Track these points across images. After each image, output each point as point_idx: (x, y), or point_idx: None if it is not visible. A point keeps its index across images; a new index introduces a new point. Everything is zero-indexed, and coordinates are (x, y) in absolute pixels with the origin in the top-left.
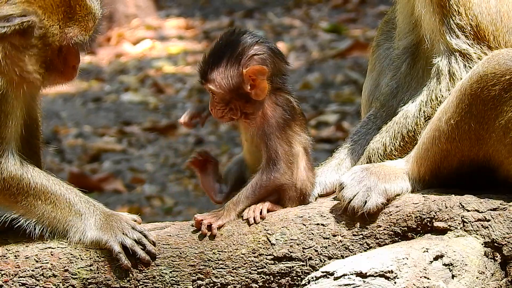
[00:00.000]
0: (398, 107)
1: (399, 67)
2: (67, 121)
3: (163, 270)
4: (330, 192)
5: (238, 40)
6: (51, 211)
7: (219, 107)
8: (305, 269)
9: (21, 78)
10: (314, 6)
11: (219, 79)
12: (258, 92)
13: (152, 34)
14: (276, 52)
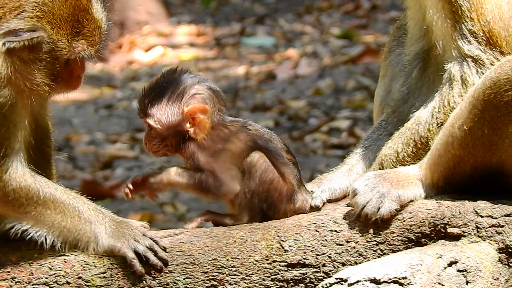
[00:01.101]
0: (409, 112)
1: (410, 73)
2: (79, 128)
3: (177, 277)
4: (339, 197)
5: (179, 79)
6: (61, 220)
7: (155, 143)
8: (318, 275)
9: (30, 90)
10: (325, 12)
11: (158, 115)
12: (197, 131)
13: (164, 41)
14: (215, 91)
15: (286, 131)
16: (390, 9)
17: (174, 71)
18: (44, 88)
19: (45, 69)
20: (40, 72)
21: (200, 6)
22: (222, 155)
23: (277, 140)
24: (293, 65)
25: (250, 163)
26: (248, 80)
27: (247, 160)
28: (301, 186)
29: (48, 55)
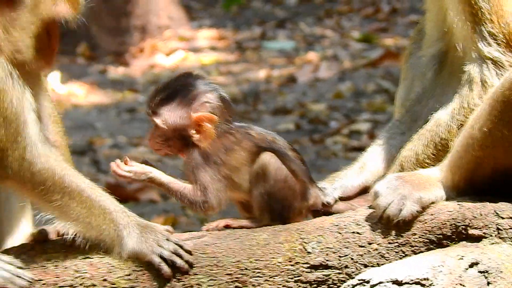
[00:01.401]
0: (423, 112)
1: (425, 74)
2: (102, 132)
3: (201, 279)
4: (351, 195)
5: (193, 84)
6: (86, 215)
7: (158, 141)
8: (341, 277)
9: (15, 58)
10: (346, 16)
11: (166, 115)
12: (201, 139)
13: (185, 45)
14: (225, 102)
15: (307, 134)
16: (410, 12)
17: (189, 75)
18: (26, 55)
19: (27, 30)
20: (22, 33)
21: (221, 10)
22: (221, 169)
23: (281, 141)
24: (313, 68)
25: (262, 164)
26: (269, 83)
27: (258, 162)
28: (312, 183)
29: (30, 11)
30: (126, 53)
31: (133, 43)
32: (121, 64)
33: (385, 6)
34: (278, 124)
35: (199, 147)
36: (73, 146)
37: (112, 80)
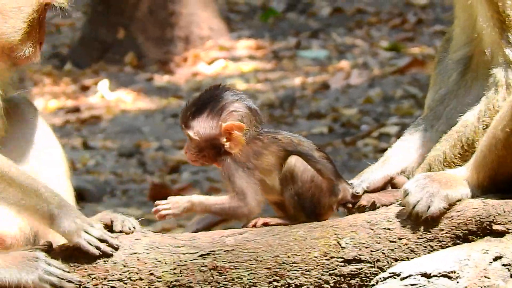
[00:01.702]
0: (444, 112)
1: (450, 76)
2: (148, 135)
3: (242, 272)
4: (377, 186)
5: (221, 96)
6: (21, 198)
7: (193, 152)
8: (373, 270)
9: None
10: (375, 26)
11: (198, 127)
12: (233, 146)
13: (225, 55)
14: (253, 110)
15: (339, 137)
16: (434, 23)
17: (217, 87)
18: (15, 39)
19: (20, 11)
20: (17, 15)
21: (258, 22)
22: (254, 173)
23: (306, 142)
24: (345, 75)
25: (289, 167)
26: (304, 90)
27: (286, 166)
28: (339, 178)
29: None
30: (171, 62)
31: (177, 52)
32: (166, 72)
33: (412, 17)
34: (312, 128)
35: (231, 154)
36: (121, 149)
37: (158, 87)
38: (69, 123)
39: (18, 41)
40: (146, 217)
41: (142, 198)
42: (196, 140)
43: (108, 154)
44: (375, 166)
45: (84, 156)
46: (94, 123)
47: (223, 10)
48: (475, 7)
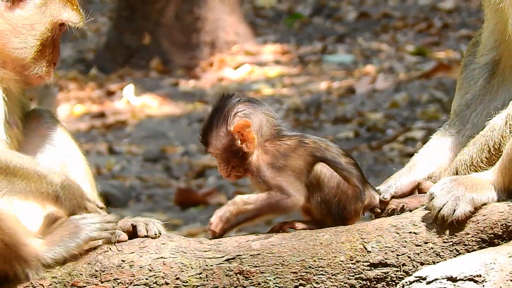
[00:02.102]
0: (471, 117)
1: (477, 81)
2: (174, 140)
3: (268, 277)
4: (405, 191)
5: (225, 104)
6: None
7: (223, 167)
8: (399, 274)
9: (12, 54)
10: (400, 31)
11: (213, 141)
12: (248, 145)
13: (251, 59)
14: (258, 106)
15: (365, 141)
16: (460, 27)
17: (221, 98)
18: (26, 56)
19: (33, 28)
20: (28, 31)
21: (284, 27)
22: (285, 170)
23: (334, 147)
24: (371, 80)
25: (315, 175)
26: (330, 94)
27: (312, 173)
28: (366, 184)
29: (39, 9)
30: (196, 67)
31: (202, 57)
32: (191, 77)
33: (437, 21)
34: (338, 132)
35: (258, 157)
36: (147, 154)
37: (183, 92)
38: (95, 128)
39: (30, 59)
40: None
41: (167, 203)
42: (218, 154)
43: (133, 159)
44: (402, 172)
45: (110, 161)
46: (119, 128)
47: (249, 15)
48: (507, 10)
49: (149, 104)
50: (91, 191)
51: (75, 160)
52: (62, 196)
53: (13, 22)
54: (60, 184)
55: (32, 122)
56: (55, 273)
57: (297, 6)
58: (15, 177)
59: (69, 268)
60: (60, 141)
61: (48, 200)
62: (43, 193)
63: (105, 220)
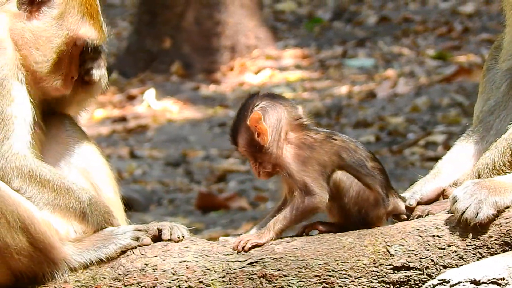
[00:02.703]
0: (495, 123)
1: (499, 87)
2: (195, 144)
3: (291, 280)
4: (430, 197)
5: (247, 101)
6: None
7: (253, 165)
8: (422, 277)
9: (31, 66)
10: (421, 35)
11: (238, 139)
12: (262, 137)
13: (272, 64)
14: (275, 98)
15: (386, 145)
16: (481, 31)
17: (247, 97)
18: (43, 68)
19: (49, 41)
20: (45, 45)
21: (305, 31)
22: (311, 163)
23: (362, 149)
24: (392, 84)
25: (335, 183)
26: (351, 98)
27: (332, 181)
28: (390, 190)
29: (57, 20)
30: (217, 71)
31: (223, 62)
32: (212, 81)
33: (458, 25)
34: (359, 136)
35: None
36: (168, 158)
37: (204, 96)
38: (116, 132)
39: (47, 71)
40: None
41: (189, 207)
42: (245, 151)
43: (154, 163)
44: (427, 178)
45: (131, 165)
46: (140, 132)
47: (269, 19)
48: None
49: (170, 109)
50: (115, 196)
51: (97, 165)
52: (89, 213)
53: (33, 33)
54: (88, 201)
55: (53, 128)
56: (79, 277)
57: (317, 11)
58: (44, 188)
59: (92, 271)
60: (82, 146)
61: (75, 216)
62: (70, 208)
63: (137, 229)
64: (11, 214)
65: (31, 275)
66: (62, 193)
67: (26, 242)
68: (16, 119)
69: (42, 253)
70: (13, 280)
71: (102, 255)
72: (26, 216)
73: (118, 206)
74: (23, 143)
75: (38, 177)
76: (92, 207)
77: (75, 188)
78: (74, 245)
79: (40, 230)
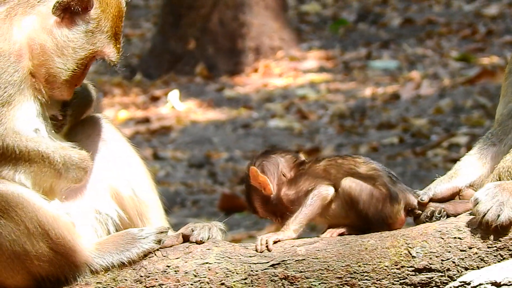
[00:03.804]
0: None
1: None
2: (219, 146)
3: (313, 282)
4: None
5: (246, 170)
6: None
7: (276, 222)
8: (443, 279)
9: (45, 72)
10: (445, 37)
11: (254, 204)
12: (267, 188)
13: (296, 65)
14: (268, 151)
15: (409, 147)
16: (505, 33)
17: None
18: (61, 77)
19: (74, 51)
20: (68, 52)
21: (329, 33)
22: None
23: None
24: (415, 86)
25: (345, 192)
26: (374, 100)
27: (341, 191)
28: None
29: (86, 35)
30: (241, 72)
31: (247, 63)
32: (236, 83)
33: (482, 27)
34: (383, 138)
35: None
36: (191, 160)
37: (228, 98)
38: (139, 133)
39: (63, 80)
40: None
41: (212, 208)
42: (263, 212)
43: (178, 165)
44: (443, 178)
45: (155, 166)
46: (164, 133)
47: (293, 21)
48: None
49: (194, 110)
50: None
51: (134, 164)
52: (64, 173)
53: (58, 40)
54: (62, 162)
55: (89, 129)
56: (100, 278)
57: (342, 12)
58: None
59: (113, 273)
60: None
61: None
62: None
63: (159, 231)
64: (30, 220)
65: (53, 279)
66: (36, 161)
67: (46, 248)
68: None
69: (63, 257)
70: (35, 284)
71: (125, 258)
72: (46, 221)
73: (156, 204)
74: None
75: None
76: (67, 165)
77: (49, 152)
78: (96, 248)
79: (61, 235)
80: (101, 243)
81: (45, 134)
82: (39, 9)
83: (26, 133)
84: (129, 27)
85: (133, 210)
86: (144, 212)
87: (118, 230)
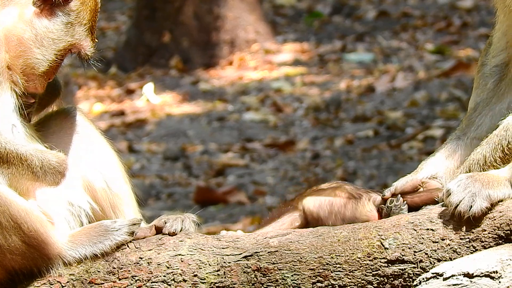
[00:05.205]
0: (476, 119)
1: (486, 84)
2: (194, 139)
3: (285, 273)
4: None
5: None
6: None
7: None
8: (416, 271)
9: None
10: (420, 29)
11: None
12: None
13: (271, 58)
14: None
15: (384, 139)
16: (479, 26)
17: None
18: (40, 68)
19: (54, 43)
20: (47, 43)
21: (304, 26)
22: None
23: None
24: (390, 78)
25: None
26: (350, 93)
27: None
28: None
29: (65, 27)
30: (216, 65)
31: (222, 56)
32: (211, 76)
33: (457, 20)
34: (358, 131)
35: None
36: (167, 153)
37: (203, 90)
38: (114, 126)
39: (40, 72)
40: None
41: (187, 201)
42: None
43: (153, 158)
44: (409, 175)
45: (130, 159)
46: (139, 126)
47: (268, 14)
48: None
49: (169, 103)
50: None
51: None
52: (42, 176)
53: (38, 31)
54: (40, 165)
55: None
56: (73, 270)
57: (317, 5)
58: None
59: (86, 265)
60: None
61: (29, 181)
62: (23, 175)
63: (132, 223)
64: (2, 214)
65: (26, 271)
66: (14, 163)
67: (19, 241)
68: None
69: (36, 250)
70: (8, 277)
71: (97, 250)
72: (18, 215)
73: (130, 197)
74: None
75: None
76: (45, 168)
77: (27, 155)
78: (69, 240)
79: (33, 228)
80: (74, 235)
81: (21, 130)
82: (17, 0)
83: (4, 133)
84: (104, 20)
85: (106, 202)
86: (117, 204)
87: (91, 222)
